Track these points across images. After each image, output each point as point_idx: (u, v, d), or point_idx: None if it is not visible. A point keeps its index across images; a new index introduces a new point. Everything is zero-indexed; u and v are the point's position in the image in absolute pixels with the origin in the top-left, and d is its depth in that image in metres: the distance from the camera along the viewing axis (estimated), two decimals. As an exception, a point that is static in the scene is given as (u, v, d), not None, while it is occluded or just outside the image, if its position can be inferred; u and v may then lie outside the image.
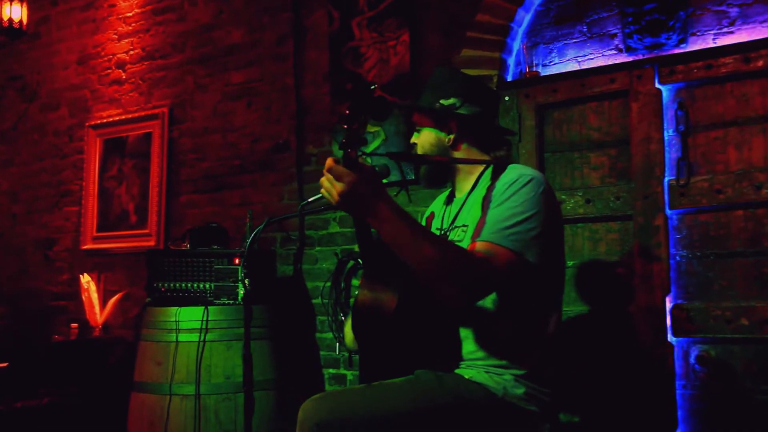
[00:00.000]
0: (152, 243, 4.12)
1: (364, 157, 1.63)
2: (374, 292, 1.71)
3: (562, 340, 1.90)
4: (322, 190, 1.55)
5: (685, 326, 2.58)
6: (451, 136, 1.94)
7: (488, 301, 1.77)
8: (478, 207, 1.83)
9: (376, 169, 1.69)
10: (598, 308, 2.79)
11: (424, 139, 1.98)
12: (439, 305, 1.77)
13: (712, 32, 2.72)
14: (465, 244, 1.79)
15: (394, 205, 1.57)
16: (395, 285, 1.70)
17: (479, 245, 1.67)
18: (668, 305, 2.62)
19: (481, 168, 1.95)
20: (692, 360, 2.60)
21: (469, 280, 1.62)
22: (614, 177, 2.79)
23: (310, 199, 1.98)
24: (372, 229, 1.64)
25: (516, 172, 1.80)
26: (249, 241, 2.07)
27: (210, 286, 3.16)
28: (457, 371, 1.79)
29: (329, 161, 1.52)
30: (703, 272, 2.61)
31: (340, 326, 3.34)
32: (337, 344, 3.43)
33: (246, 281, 2.20)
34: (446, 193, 2.11)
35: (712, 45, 2.70)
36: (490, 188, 1.82)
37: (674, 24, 2.75)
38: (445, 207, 2.07)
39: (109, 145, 4.44)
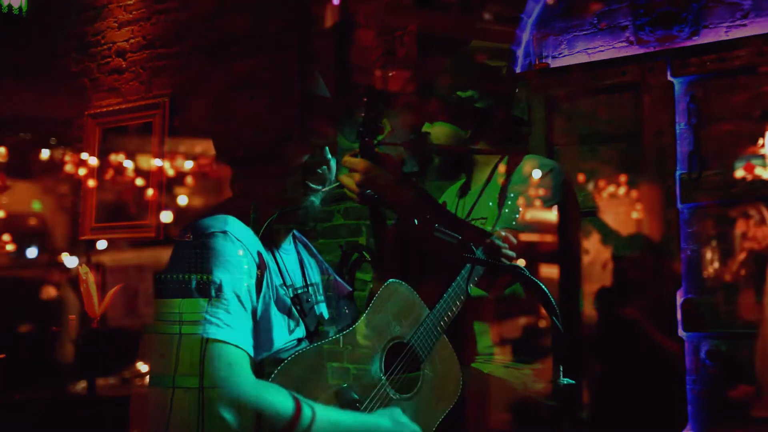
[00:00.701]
0: (152, 234, 4.07)
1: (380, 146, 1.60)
2: None
3: (578, 333, 1.87)
4: (345, 190, 1.53)
5: (696, 321, 2.56)
6: (469, 132, 1.88)
7: (504, 295, 1.75)
8: (495, 199, 1.80)
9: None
10: (608, 302, 2.77)
11: (440, 132, 1.90)
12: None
13: (725, 25, 2.69)
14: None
15: (417, 190, 1.54)
16: (410, 279, 1.67)
17: (500, 233, 1.64)
18: (679, 300, 2.60)
19: (496, 159, 1.91)
20: (702, 355, 2.58)
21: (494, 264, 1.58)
22: (624, 170, 2.77)
23: (324, 189, 1.94)
24: (388, 221, 1.61)
25: (535, 162, 1.77)
26: (261, 231, 2.03)
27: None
28: (474, 365, 1.76)
29: (345, 157, 1.50)
30: (714, 267, 2.59)
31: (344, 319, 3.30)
32: (341, 337, 3.39)
33: (258, 272, 2.16)
34: (459, 183, 2.07)
35: (724, 38, 2.67)
36: (507, 179, 1.79)
37: (686, 16, 2.73)
38: (458, 199, 2.03)
39: (109, 134, 4.39)
